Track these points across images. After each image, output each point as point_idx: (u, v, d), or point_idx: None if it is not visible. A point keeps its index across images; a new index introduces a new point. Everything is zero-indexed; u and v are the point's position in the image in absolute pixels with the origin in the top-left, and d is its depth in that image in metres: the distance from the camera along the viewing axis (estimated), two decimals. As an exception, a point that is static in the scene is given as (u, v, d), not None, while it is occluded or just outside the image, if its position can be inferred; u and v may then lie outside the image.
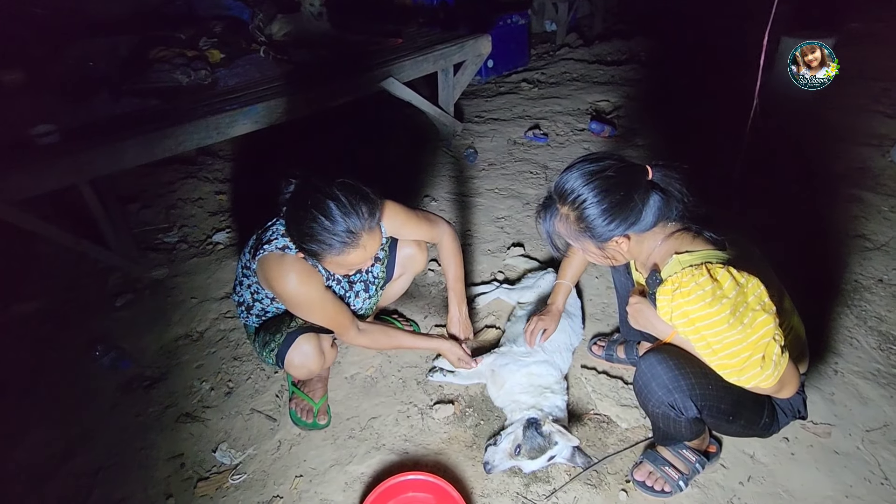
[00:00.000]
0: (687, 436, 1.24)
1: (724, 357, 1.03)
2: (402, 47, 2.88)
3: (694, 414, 1.14)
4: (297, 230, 1.21)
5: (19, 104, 2.32)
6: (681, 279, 1.03)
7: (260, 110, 2.24)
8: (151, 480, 1.42)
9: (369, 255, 1.25)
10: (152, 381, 1.71)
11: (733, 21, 4.13)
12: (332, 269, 1.29)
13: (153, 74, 2.45)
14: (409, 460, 1.45)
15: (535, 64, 4.33)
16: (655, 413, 1.20)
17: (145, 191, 2.65)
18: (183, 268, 2.19)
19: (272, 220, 1.35)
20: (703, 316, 1.00)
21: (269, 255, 1.28)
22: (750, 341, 1.00)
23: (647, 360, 1.17)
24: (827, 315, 1.84)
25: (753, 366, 1.01)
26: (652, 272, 1.15)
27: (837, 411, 1.53)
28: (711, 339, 1.02)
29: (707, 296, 0.99)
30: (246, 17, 3.31)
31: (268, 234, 1.32)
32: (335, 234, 1.17)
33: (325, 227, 1.17)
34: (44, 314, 1.98)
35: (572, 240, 1.13)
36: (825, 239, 2.19)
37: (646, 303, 1.19)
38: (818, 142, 2.87)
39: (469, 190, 2.67)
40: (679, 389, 1.12)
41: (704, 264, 1.03)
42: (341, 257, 1.21)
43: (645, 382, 1.17)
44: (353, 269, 1.29)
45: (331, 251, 1.19)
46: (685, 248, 1.10)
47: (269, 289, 1.34)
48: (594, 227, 1.07)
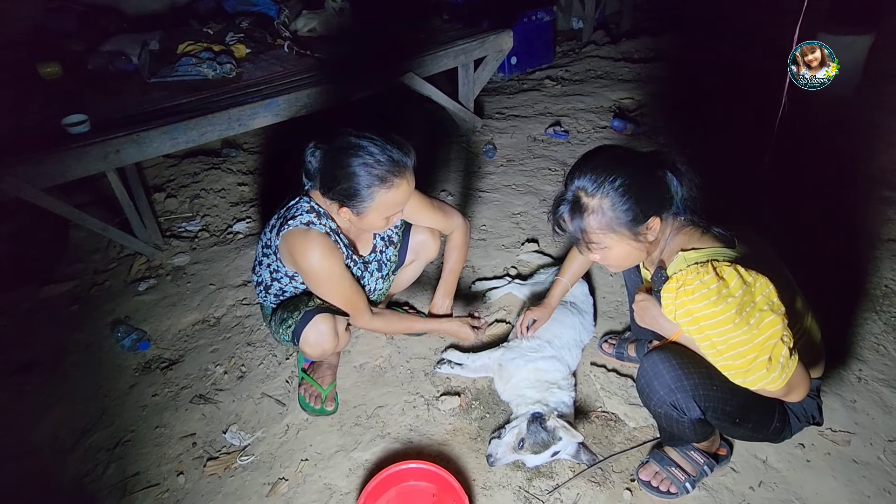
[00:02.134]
0: (692, 437, 1.20)
1: (729, 358, 1.00)
2: (422, 42, 2.89)
3: (697, 415, 1.11)
4: (343, 176, 1.24)
5: (55, 95, 2.43)
6: (685, 277, 1.01)
7: (280, 103, 2.28)
8: (164, 457, 1.47)
9: (410, 195, 1.31)
10: (170, 363, 1.76)
11: (767, 18, 3.99)
12: (375, 220, 1.31)
13: (180, 68, 2.53)
14: (412, 450, 1.46)
15: (559, 61, 4.28)
16: (657, 413, 1.17)
17: (171, 181, 2.74)
18: (203, 255, 2.26)
19: (295, 199, 1.38)
20: (708, 315, 0.98)
21: (294, 229, 1.32)
22: (756, 342, 0.96)
23: (650, 358, 1.14)
24: (854, 320, 1.77)
25: (759, 367, 0.97)
26: (658, 269, 1.13)
27: (859, 419, 1.46)
28: (716, 339, 0.99)
29: (712, 294, 0.97)
30: (272, 12, 3.37)
31: (292, 212, 1.34)
32: (381, 164, 1.23)
33: (371, 163, 1.22)
34: (71, 297, 2.07)
35: (604, 232, 1.07)
36: (855, 241, 2.10)
37: (651, 300, 1.17)
38: (851, 142, 2.75)
39: (486, 185, 2.66)
40: (682, 389, 1.09)
41: (710, 262, 1.00)
42: (393, 192, 1.26)
43: (647, 381, 1.14)
44: (396, 213, 1.33)
45: (383, 186, 1.24)
46: (692, 244, 1.08)
47: (292, 264, 1.37)
48: (630, 209, 1.03)
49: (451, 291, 1.72)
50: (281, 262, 1.41)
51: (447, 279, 1.70)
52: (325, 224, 1.34)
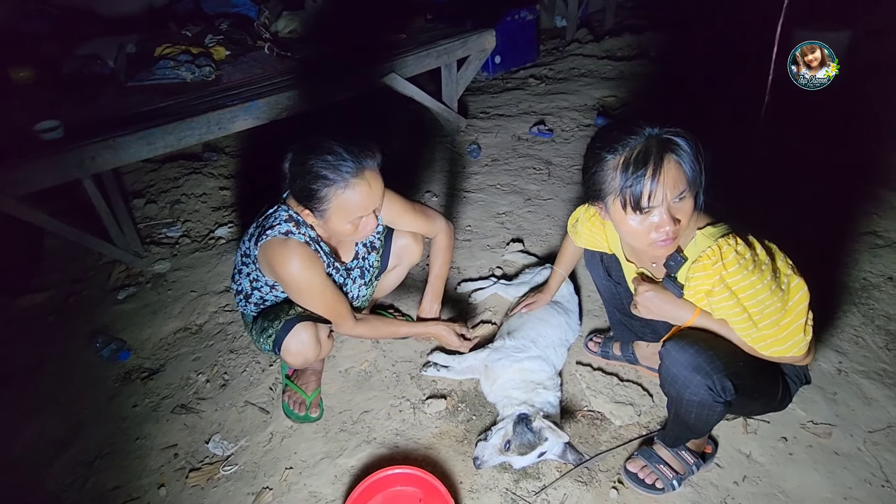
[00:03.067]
0: (710, 427, 1.18)
1: (765, 327, 1.00)
2: (405, 42, 2.87)
3: (731, 395, 1.06)
4: (302, 175, 1.22)
5: (28, 100, 2.37)
6: (721, 251, 1.00)
7: (261, 105, 2.25)
8: (145, 470, 1.44)
9: (376, 199, 1.27)
10: (150, 373, 1.73)
11: (747, 15, 4.04)
12: (340, 225, 1.27)
13: (158, 71, 2.48)
14: (399, 454, 1.45)
15: (543, 59, 4.28)
16: (691, 402, 1.09)
17: (150, 186, 2.69)
18: (185, 262, 2.22)
19: (273, 207, 1.36)
20: (747, 286, 0.98)
21: (273, 239, 1.29)
22: (789, 306, 0.99)
23: (672, 347, 1.08)
24: (833, 312, 1.79)
25: (795, 333, 1.00)
26: (673, 254, 1.08)
27: (840, 411, 1.48)
28: (753, 309, 0.99)
29: (749, 264, 0.97)
30: (252, 14, 3.33)
31: (270, 221, 1.32)
32: (341, 163, 1.20)
33: (329, 161, 1.20)
34: (49, 306, 2.03)
35: (682, 192, 0.96)
36: (835, 234, 2.14)
37: (657, 289, 1.13)
38: (832, 136, 2.79)
39: (471, 185, 2.66)
40: (716, 370, 1.04)
41: (733, 233, 1.01)
42: (350, 193, 1.22)
43: (678, 370, 1.07)
44: (366, 218, 1.28)
45: (338, 185, 1.21)
46: (704, 222, 1.06)
47: (271, 274, 1.35)
48: (702, 174, 0.97)
49: (439, 296, 1.71)
50: (260, 271, 1.39)
51: (434, 283, 1.69)
52: (304, 233, 1.32)
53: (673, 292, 1.12)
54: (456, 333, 1.65)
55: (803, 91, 1.82)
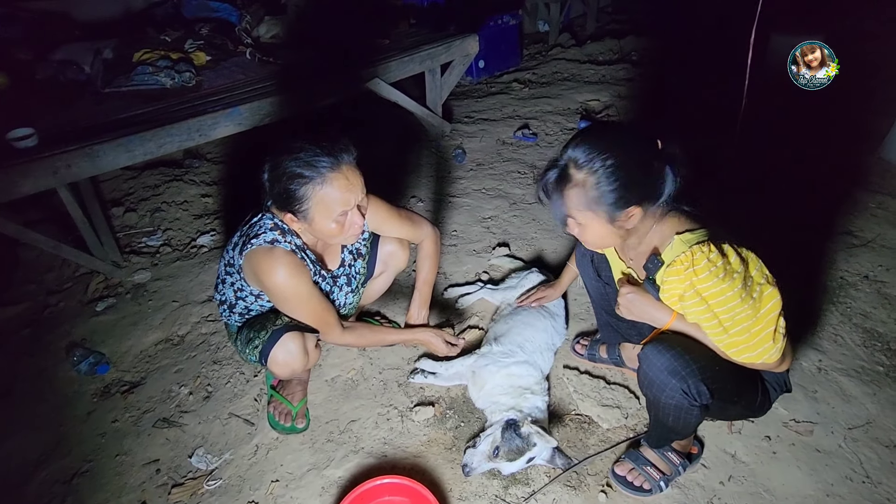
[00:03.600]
0: (692, 430, 1.19)
1: (736, 334, 1.02)
2: (388, 47, 2.87)
3: (707, 399, 1.09)
4: (278, 178, 1.21)
5: (1, 108, 2.31)
6: (692, 258, 1.01)
7: (243, 112, 2.22)
8: (125, 487, 1.41)
9: (355, 191, 1.26)
10: (131, 386, 1.69)
11: (725, 20, 4.12)
12: (324, 224, 1.25)
13: (136, 77, 2.44)
14: (387, 464, 1.43)
15: (526, 64, 4.32)
16: (667, 405, 1.12)
17: (130, 194, 2.64)
18: (166, 271, 2.18)
19: (257, 216, 1.34)
20: (717, 293, 1.00)
21: (258, 248, 1.27)
22: (759, 315, 1.00)
23: (650, 351, 1.11)
24: (812, 312, 1.83)
25: (765, 340, 1.01)
26: (651, 256, 1.11)
27: (820, 409, 1.51)
28: (723, 316, 1.01)
29: (720, 271, 0.99)
30: (234, 18, 3.30)
31: (255, 230, 1.30)
32: (314, 158, 1.20)
33: (302, 159, 1.20)
34: (24, 319, 1.97)
35: (581, 210, 1.06)
36: (812, 234, 2.18)
37: (639, 291, 1.16)
38: (807, 138, 2.85)
39: (456, 190, 2.66)
40: (692, 374, 1.06)
41: (709, 241, 1.02)
42: (328, 188, 1.21)
43: (655, 373, 1.10)
44: (345, 211, 1.26)
45: (315, 181, 1.20)
46: (684, 227, 1.08)
47: (257, 283, 1.33)
48: (614, 192, 1.02)
49: (427, 302, 1.70)
50: (245, 280, 1.37)
51: (421, 290, 1.68)
52: (290, 241, 1.30)
53: (652, 294, 1.13)
54: (443, 340, 1.65)
55: (781, 94, 1.85)
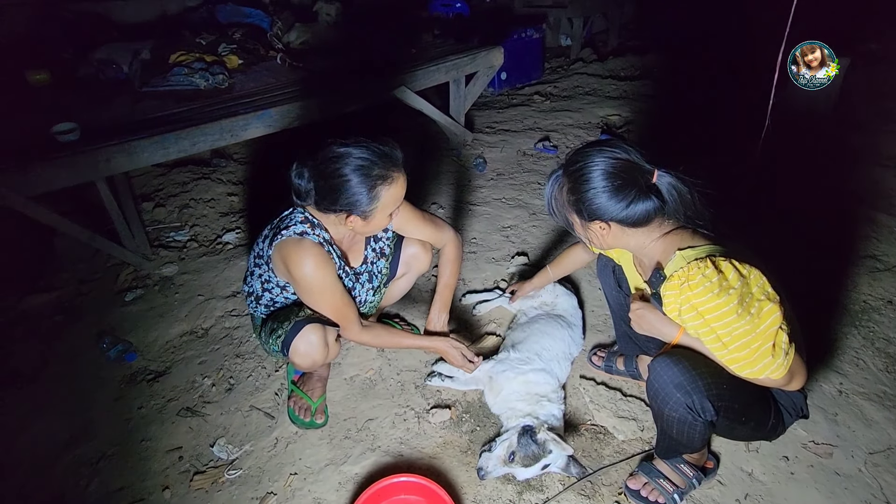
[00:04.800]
0: (697, 443, 1.20)
1: (735, 349, 1.03)
2: (415, 57, 2.93)
3: (711, 416, 1.11)
4: (338, 185, 1.25)
5: (44, 103, 2.41)
6: (688, 273, 1.04)
7: (273, 114, 2.29)
8: (149, 472, 1.44)
9: (402, 196, 1.35)
10: (156, 375, 1.74)
11: (750, 39, 4.13)
12: (382, 220, 1.34)
13: (172, 78, 2.52)
14: (403, 463, 1.45)
15: (548, 77, 4.36)
16: (671, 417, 1.14)
17: (160, 190, 2.72)
18: (192, 266, 2.24)
19: (288, 210, 1.39)
20: (713, 308, 1.01)
21: (288, 239, 1.32)
22: (759, 331, 1.01)
23: (659, 363, 1.13)
24: (833, 335, 1.81)
25: (765, 355, 1.01)
26: (655, 271, 1.15)
27: (840, 432, 1.50)
28: (721, 331, 1.02)
29: (714, 287, 1.01)
30: (265, 24, 3.40)
31: (285, 222, 1.35)
32: (376, 164, 1.26)
33: (364, 166, 1.25)
34: (56, 306, 2.04)
35: (561, 208, 1.18)
36: (835, 258, 2.17)
37: (648, 307, 1.19)
38: (830, 160, 2.84)
39: (476, 198, 2.69)
40: (697, 390, 1.08)
41: (708, 257, 1.04)
42: (395, 187, 1.30)
43: (661, 385, 1.12)
44: (397, 209, 1.36)
45: (387, 182, 1.27)
46: (686, 243, 1.11)
47: (285, 274, 1.37)
48: (581, 203, 1.11)
49: (447, 306, 1.72)
50: (273, 272, 1.41)
51: (442, 293, 1.69)
52: (318, 234, 1.35)
53: (659, 309, 1.16)
54: (461, 354, 1.61)
55: (802, 116, 1.85)
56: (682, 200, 1.09)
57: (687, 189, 1.09)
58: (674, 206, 1.08)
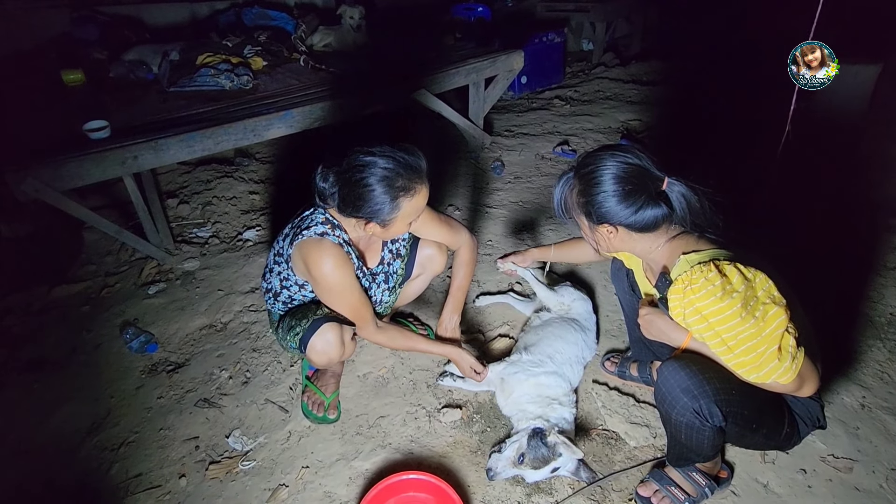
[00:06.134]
0: (707, 451, 1.18)
1: (741, 353, 1.02)
2: (435, 60, 2.95)
3: (719, 421, 1.10)
4: (363, 193, 1.27)
5: (77, 102, 2.50)
6: (690, 277, 1.04)
7: (295, 115, 2.33)
8: (167, 460, 1.49)
9: (423, 206, 1.37)
10: (176, 366, 1.79)
11: (775, 45, 4.05)
12: (401, 228, 1.36)
13: (198, 78, 2.60)
14: (413, 460, 1.46)
15: (569, 81, 4.35)
16: (679, 422, 1.14)
17: (184, 187, 2.80)
18: (213, 261, 2.29)
19: (309, 210, 1.41)
20: (716, 311, 1.01)
21: (309, 239, 1.35)
22: (764, 335, 0.99)
23: (668, 367, 1.13)
24: (857, 346, 1.77)
25: (770, 359, 1.00)
26: (661, 275, 1.15)
27: (862, 447, 1.46)
28: (726, 335, 1.02)
29: (717, 290, 1.00)
30: (290, 27, 3.47)
31: (306, 222, 1.38)
32: (401, 175, 1.27)
33: (388, 176, 1.27)
34: (83, 298, 2.11)
35: (571, 209, 1.19)
36: (860, 269, 2.11)
37: (656, 312, 1.19)
38: (856, 169, 2.76)
39: (493, 201, 2.70)
40: (704, 395, 1.08)
41: (712, 261, 1.04)
42: (415, 199, 1.31)
43: (668, 389, 1.12)
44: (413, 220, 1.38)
45: (409, 193, 1.29)
46: (691, 248, 1.11)
47: (304, 273, 1.40)
48: (590, 205, 1.12)
49: (459, 308, 1.72)
50: (292, 270, 1.44)
51: (455, 295, 1.70)
52: (338, 235, 1.37)
53: (666, 313, 1.15)
54: (469, 365, 1.61)
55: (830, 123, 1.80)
56: (690, 209, 1.09)
57: (697, 198, 1.09)
58: (682, 213, 1.09)
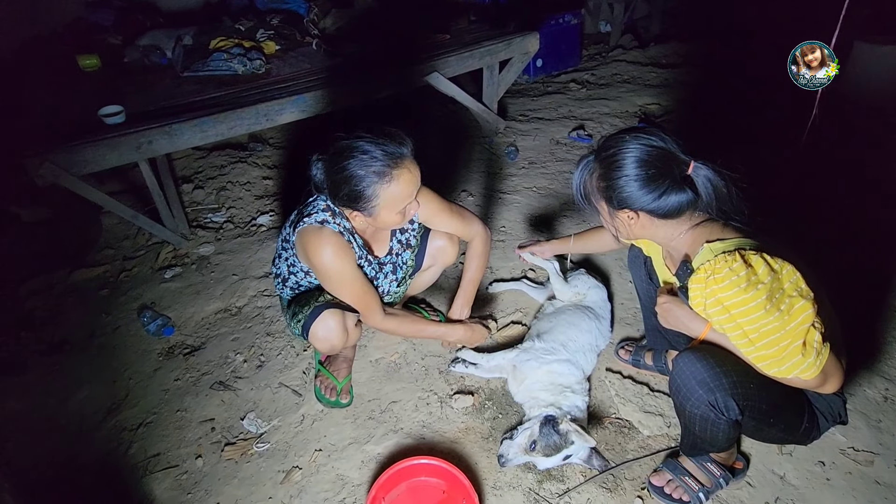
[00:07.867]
0: (722, 443, 1.16)
1: (763, 347, 0.98)
2: (448, 43, 2.90)
3: (735, 415, 1.07)
4: (345, 181, 1.25)
5: (93, 87, 2.52)
6: (714, 266, 1.00)
7: (307, 99, 2.32)
8: (184, 441, 1.52)
9: (417, 182, 1.30)
10: (192, 350, 1.81)
11: (802, 25, 3.90)
12: (389, 217, 1.30)
13: (212, 63, 2.59)
14: (424, 446, 1.47)
15: (586, 64, 4.24)
16: (693, 414, 1.11)
17: (199, 172, 2.81)
18: (228, 246, 2.31)
19: (313, 196, 1.41)
20: (739, 303, 0.97)
21: (308, 227, 1.34)
22: (788, 328, 0.96)
23: (684, 358, 1.11)
24: (882, 338, 1.72)
25: (794, 353, 0.96)
26: (682, 263, 1.12)
27: (883, 440, 1.43)
28: (748, 327, 0.98)
29: (742, 281, 0.96)
30: (302, 11, 3.43)
31: (308, 209, 1.37)
32: (376, 160, 1.23)
33: (364, 161, 1.23)
34: (102, 281, 2.15)
35: (591, 194, 1.15)
36: (885, 257, 2.04)
37: (675, 301, 1.15)
38: (883, 155, 2.66)
39: (507, 187, 2.66)
40: (721, 388, 1.05)
41: (737, 251, 1.00)
42: (395, 185, 1.25)
43: (684, 381, 1.10)
44: (409, 205, 1.32)
45: (384, 180, 1.23)
46: (716, 236, 1.07)
47: (305, 261, 1.40)
48: (611, 190, 1.08)
49: (470, 301, 1.72)
50: (297, 257, 1.44)
51: (466, 288, 1.69)
52: (339, 223, 1.36)
53: (685, 302, 1.12)
54: (474, 331, 1.67)
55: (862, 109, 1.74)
56: (717, 194, 1.05)
57: (724, 183, 1.05)
58: (707, 200, 1.04)
